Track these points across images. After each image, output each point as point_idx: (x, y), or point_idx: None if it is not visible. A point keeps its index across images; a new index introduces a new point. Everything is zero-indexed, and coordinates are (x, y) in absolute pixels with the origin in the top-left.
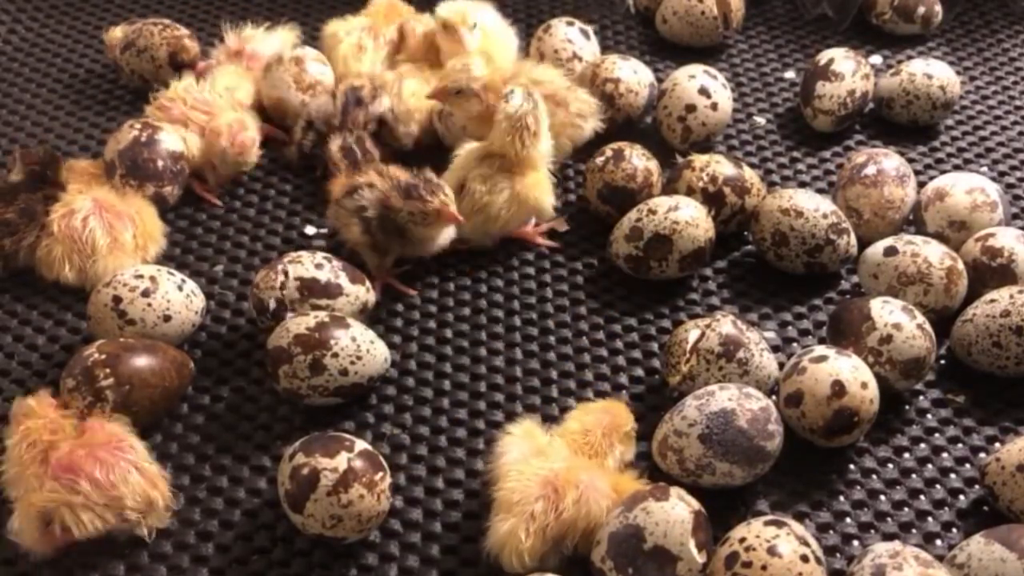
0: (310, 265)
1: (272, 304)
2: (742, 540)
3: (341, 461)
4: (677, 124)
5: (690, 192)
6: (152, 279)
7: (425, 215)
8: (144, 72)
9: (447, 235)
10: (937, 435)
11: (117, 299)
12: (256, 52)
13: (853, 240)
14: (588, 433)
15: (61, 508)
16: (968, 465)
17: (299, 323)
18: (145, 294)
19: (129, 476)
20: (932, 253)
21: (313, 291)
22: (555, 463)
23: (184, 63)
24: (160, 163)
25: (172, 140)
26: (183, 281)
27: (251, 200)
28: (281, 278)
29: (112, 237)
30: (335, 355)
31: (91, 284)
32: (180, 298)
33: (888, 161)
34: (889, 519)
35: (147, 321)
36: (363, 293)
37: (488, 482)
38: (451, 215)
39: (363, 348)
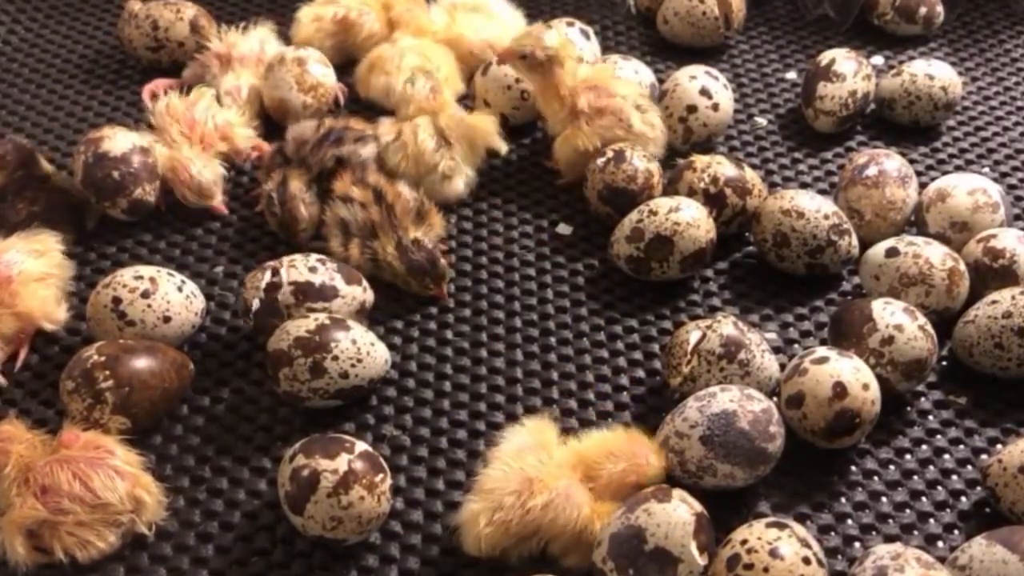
0: (304, 268)
1: (255, 304)
2: (743, 542)
3: (341, 463)
4: (678, 125)
5: (691, 193)
6: (152, 280)
7: (417, 288)
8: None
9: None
10: (939, 436)
11: (117, 300)
12: (244, 55)
13: (854, 241)
14: (613, 460)
15: (61, 533)
16: (970, 467)
17: (299, 326)
18: (145, 295)
19: (110, 481)
20: (934, 254)
21: (308, 295)
22: (545, 463)
23: (203, 33)
24: (116, 173)
25: (119, 143)
26: (183, 282)
27: (251, 201)
28: (267, 278)
29: None
30: (335, 358)
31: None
32: (180, 299)
33: (889, 162)
34: (891, 521)
35: (147, 322)
36: (360, 293)
37: (482, 463)
38: (441, 296)
39: (363, 350)
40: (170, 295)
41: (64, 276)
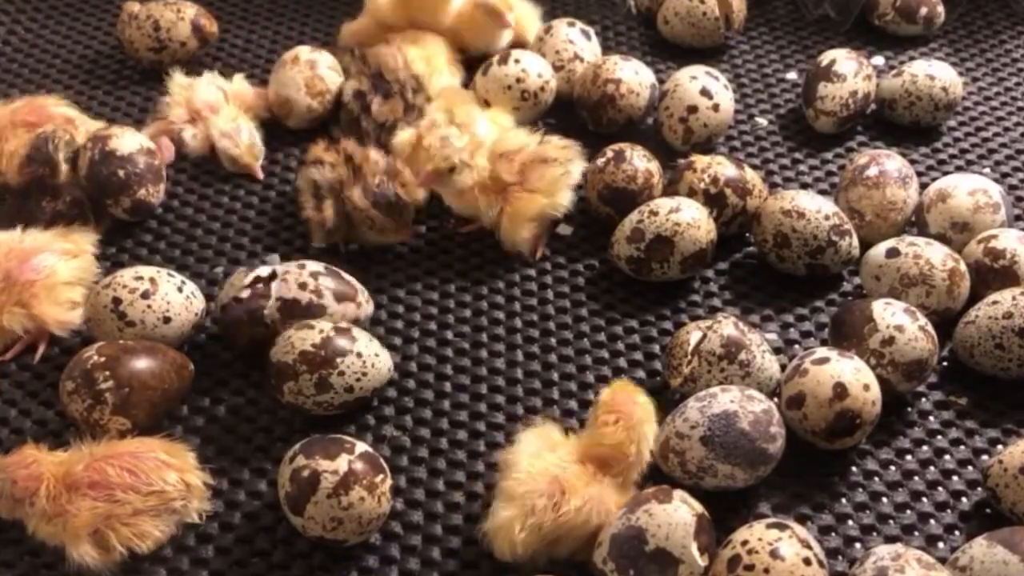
0: (294, 284)
1: (220, 306)
2: (744, 543)
3: (341, 463)
4: (678, 125)
5: (691, 193)
6: (152, 281)
7: (382, 229)
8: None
9: (393, 239)
10: (939, 437)
11: (117, 300)
12: (209, 102)
13: (855, 242)
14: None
15: (116, 525)
16: (970, 467)
17: (304, 338)
18: (145, 296)
19: (160, 471)
20: (934, 255)
21: (294, 312)
22: (568, 464)
23: (205, 31)
24: (122, 172)
25: (127, 142)
26: (183, 283)
27: (251, 201)
28: (248, 283)
29: None
30: (341, 373)
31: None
32: (180, 299)
33: (890, 162)
34: (891, 521)
35: (147, 323)
36: (353, 310)
37: (498, 469)
38: (405, 236)
39: (368, 363)
40: (170, 296)
41: (91, 280)
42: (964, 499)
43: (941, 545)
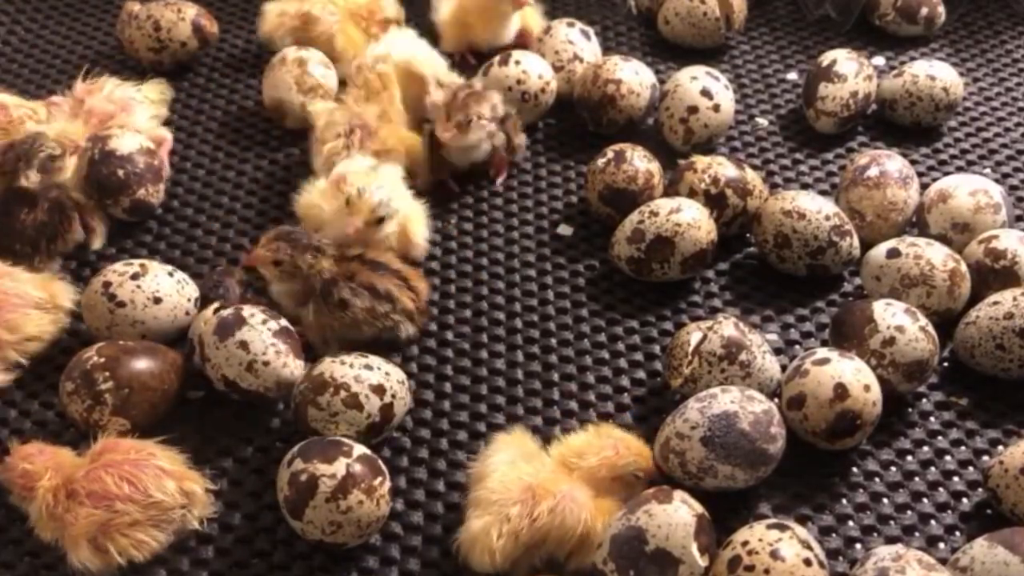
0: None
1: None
2: (745, 543)
3: (339, 467)
4: (679, 125)
5: (692, 194)
6: (142, 266)
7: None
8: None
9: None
10: (940, 438)
11: (107, 284)
12: (94, 108)
13: (856, 242)
14: (583, 457)
15: (114, 535)
16: (971, 468)
17: (351, 423)
18: (134, 277)
19: (159, 480)
20: (935, 255)
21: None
22: (540, 470)
23: (205, 31)
24: (121, 172)
25: (127, 142)
26: (174, 270)
27: (251, 202)
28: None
29: None
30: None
31: None
32: (170, 282)
33: (891, 163)
34: (892, 522)
35: (137, 303)
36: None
37: (472, 480)
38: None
39: (397, 418)
40: (160, 278)
41: (54, 333)
42: (965, 500)
43: (942, 546)
